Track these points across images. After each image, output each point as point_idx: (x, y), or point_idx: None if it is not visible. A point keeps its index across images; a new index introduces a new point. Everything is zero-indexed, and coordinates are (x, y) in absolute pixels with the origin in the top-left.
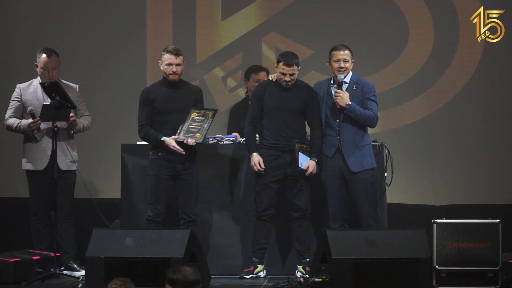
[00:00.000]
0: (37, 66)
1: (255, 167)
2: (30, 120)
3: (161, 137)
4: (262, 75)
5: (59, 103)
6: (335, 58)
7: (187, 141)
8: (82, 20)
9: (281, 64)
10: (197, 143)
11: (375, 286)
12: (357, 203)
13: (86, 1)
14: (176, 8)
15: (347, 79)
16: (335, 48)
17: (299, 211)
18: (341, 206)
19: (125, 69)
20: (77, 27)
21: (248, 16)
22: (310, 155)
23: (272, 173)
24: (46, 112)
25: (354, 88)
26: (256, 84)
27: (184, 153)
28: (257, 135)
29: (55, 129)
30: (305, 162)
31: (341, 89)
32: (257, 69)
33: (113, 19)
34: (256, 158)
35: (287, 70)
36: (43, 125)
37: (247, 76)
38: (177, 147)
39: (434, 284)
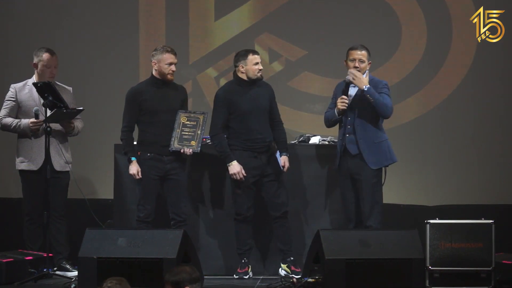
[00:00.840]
0: (35, 65)
1: (237, 176)
2: (33, 120)
3: (131, 157)
4: None
5: (52, 103)
6: (351, 57)
7: (184, 151)
8: (74, 20)
9: (250, 55)
10: (194, 152)
11: (368, 287)
12: (361, 203)
13: (79, 1)
14: (169, 8)
15: None
16: (353, 48)
17: (280, 210)
18: (353, 207)
19: (118, 69)
20: (69, 28)
21: (241, 16)
22: (280, 151)
23: (251, 173)
24: (56, 115)
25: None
26: None
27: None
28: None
29: (48, 129)
30: (279, 159)
31: (347, 92)
32: None
33: (106, 19)
34: (238, 166)
35: (258, 58)
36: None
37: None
38: (137, 176)
39: (427, 284)
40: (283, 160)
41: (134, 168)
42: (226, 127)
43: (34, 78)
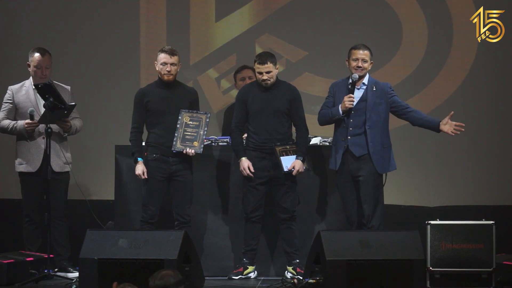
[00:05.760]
0: (29, 66)
1: (244, 172)
2: (28, 121)
3: (138, 158)
4: (244, 73)
5: (53, 105)
6: (354, 57)
7: (186, 151)
8: (76, 22)
9: (256, 63)
10: (196, 153)
11: None
12: (364, 205)
13: (80, 3)
14: (170, 10)
15: (365, 80)
16: (355, 47)
17: (286, 213)
18: (355, 209)
19: (119, 71)
20: (71, 29)
21: (242, 17)
22: (295, 154)
23: (258, 174)
24: (49, 115)
25: (374, 89)
26: (242, 83)
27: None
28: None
29: (49, 130)
30: (290, 163)
31: (353, 90)
32: (240, 68)
33: (107, 20)
34: (245, 163)
35: (262, 68)
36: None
37: (234, 79)
38: (142, 177)
39: (428, 285)
40: (293, 164)
41: (139, 168)
42: (243, 126)
43: (31, 79)
